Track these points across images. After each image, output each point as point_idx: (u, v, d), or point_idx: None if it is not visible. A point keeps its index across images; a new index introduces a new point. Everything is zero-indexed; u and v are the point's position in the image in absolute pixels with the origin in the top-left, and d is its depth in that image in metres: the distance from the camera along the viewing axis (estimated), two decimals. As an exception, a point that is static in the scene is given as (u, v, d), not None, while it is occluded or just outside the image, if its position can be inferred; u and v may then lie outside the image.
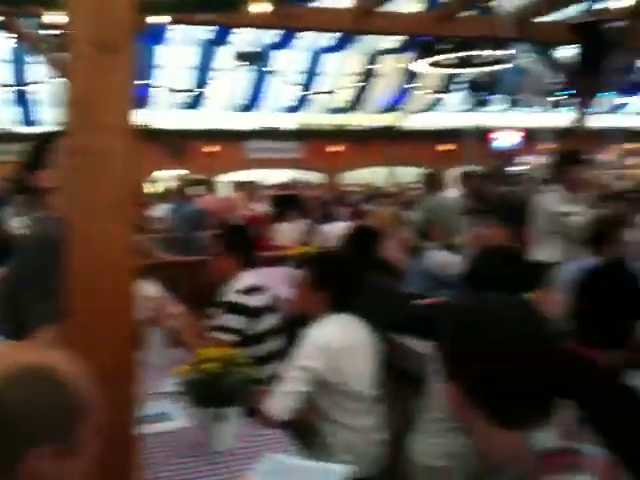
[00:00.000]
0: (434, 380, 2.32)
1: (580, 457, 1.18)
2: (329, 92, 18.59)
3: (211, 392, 2.19)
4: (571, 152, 5.30)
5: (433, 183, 7.29)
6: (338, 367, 2.64)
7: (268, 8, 5.91)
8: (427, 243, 5.39)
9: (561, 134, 10.05)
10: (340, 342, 2.66)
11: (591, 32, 6.37)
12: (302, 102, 18.93)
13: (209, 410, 2.25)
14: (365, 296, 3.02)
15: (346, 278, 2.81)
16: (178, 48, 15.87)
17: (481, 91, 14.85)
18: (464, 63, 11.51)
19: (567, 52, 7.41)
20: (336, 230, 6.02)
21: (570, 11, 8.14)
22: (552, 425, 1.25)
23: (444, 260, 5.06)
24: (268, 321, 3.35)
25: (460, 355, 1.26)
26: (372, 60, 17.65)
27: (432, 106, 20.15)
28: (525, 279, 2.56)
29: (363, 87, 18.65)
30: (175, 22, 6.80)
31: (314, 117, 19.52)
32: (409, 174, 17.27)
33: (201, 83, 17.38)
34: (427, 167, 17.53)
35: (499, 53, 9.64)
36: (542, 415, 1.25)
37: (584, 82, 7.23)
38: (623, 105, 19.53)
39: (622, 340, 1.95)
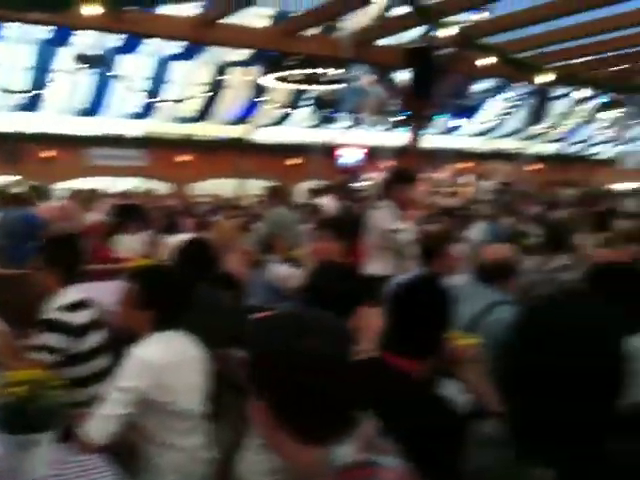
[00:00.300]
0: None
1: (378, 470, 1.22)
2: (177, 101, 18.26)
3: (18, 418, 2.03)
4: (401, 171, 5.55)
5: (277, 196, 7.36)
6: (165, 386, 2.56)
7: (100, 11, 5.66)
8: (269, 256, 5.41)
9: (399, 153, 10.58)
10: (166, 360, 2.59)
11: (422, 57, 6.76)
12: (148, 109, 18.42)
13: (17, 437, 2.09)
14: (199, 311, 2.97)
15: (174, 295, 2.73)
16: (14, 46, 14.86)
17: (326, 108, 15.31)
18: (310, 80, 11.80)
19: (404, 75, 7.81)
20: (180, 242, 5.89)
21: (407, 36, 8.62)
22: (353, 438, 1.27)
23: (285, 273, 5.12)
24: (94, 339, 3.18)
25: (268, 370, 1.26)
26: (221, 71, 17.60)
27: (281, 120, 20.45)
28: (359, 293, 2.65)
29: (212, 97, 18.53)
30: (3, 19, 6.33)
31: (161, 125, 19.07)
32: (258, 187, 17.39)
33: (39, 84, 16.37)
34: (276, 180, 17.78)
35: (342, 72, 9.99)
36: (345, 429, 1.28)
37: (417, 104, 7.66)
38: (456, 127, 20.99)
39: (433, 350, 2.06)
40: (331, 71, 10.65)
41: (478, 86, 16.47)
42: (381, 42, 8.48)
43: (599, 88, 9.79)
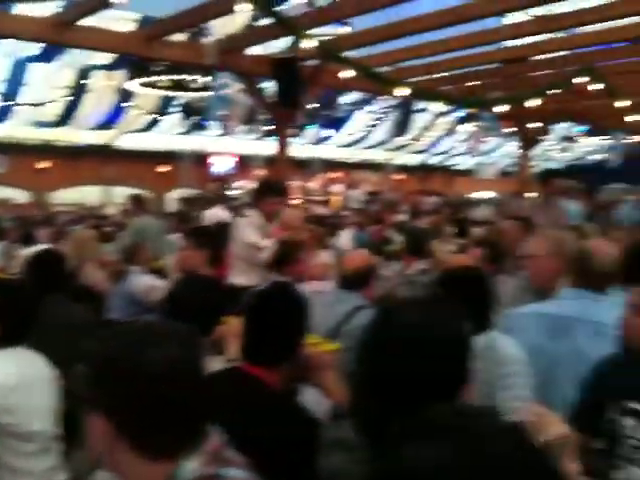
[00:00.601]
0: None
1: (224, 482, 1.20)
2: (36, 104, 17.26)
3: None
4: (270, 182, 5.52)
5: (139, 205, 7.14)
6: (10, 407, 2.40)
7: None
8: (132, 267, 5.24)
9: (270, 162, 10.64)
10: (11, 379, 2.42)
11: (288, 68, 6.83)
12: (4, 113, 17.29)
13: None
14: (49, 326, 2.81)
15: (18, 310, 2.56)
16: None
17: (193, 115, 15.09)
18: (177, 86, 11.59)
19: (271, 84, 7.85)
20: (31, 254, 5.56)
21: (275, 46, 8.70)
22: (200, 451, 1.25)
23: (148, 284, 4.96)
24: None
25: (112, 382, 1.21)
26: (84, 74, 16.85)
27: (150, 126, 19.90)
28: (222, 304, 2.63)
29: (74, 102, 17.69)
30: None
31: (19, 130, 17.95)
32: (126, 195, 16.81)
33: None
34: (145, 188, 17.28)
35: (209, 80, 9.91)
36: (194, 442, 1.25)
37: (284, 114, 7.73)
38: (326, 138, 21.42)
39: (288, 358, 2.07)
40: (198, 78, 10.53)
41: (345, 98, 16.93)
42: (250, 51, 8.50)
43: (452, 103, 10.39)
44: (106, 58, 15.13)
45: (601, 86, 8.28)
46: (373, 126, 21.11)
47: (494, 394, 2.33)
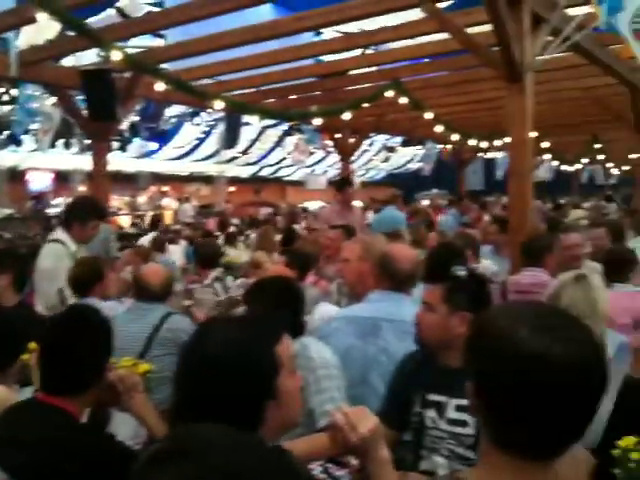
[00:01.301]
0: None
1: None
2: None
3: None
4: (84, 201, 5.19)
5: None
6: None
7: None
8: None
9: (90, 177, 10.16)
10: None
11: (99, 80, 6.56)
12: None
13: None
14: None
15: None
16: None
17: (1, 130, 13.97)
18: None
19: (83, 97, 7.50)
20: None
21: (87, 57, 8.33)
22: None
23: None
24: None
25: None
26: None
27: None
28: (24, 333, 2.49)
29: None
30: None
31: None
32: None
33: None
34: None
35: (14, 92, 9.28)
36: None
37: (98, 128, 7.43)
38: (154, 151, 20.84)
39: (91, 384, 1.97)
40: (6, 90, 9.81)
41: (172, 111, 16.65)
42: (62, 62, 8.07)
43: (271, 117, 10.60)
44: None
45: (407, 99, 8.87)
46: (202, 139, 20.87)
47: (308, 399, 2.39)
